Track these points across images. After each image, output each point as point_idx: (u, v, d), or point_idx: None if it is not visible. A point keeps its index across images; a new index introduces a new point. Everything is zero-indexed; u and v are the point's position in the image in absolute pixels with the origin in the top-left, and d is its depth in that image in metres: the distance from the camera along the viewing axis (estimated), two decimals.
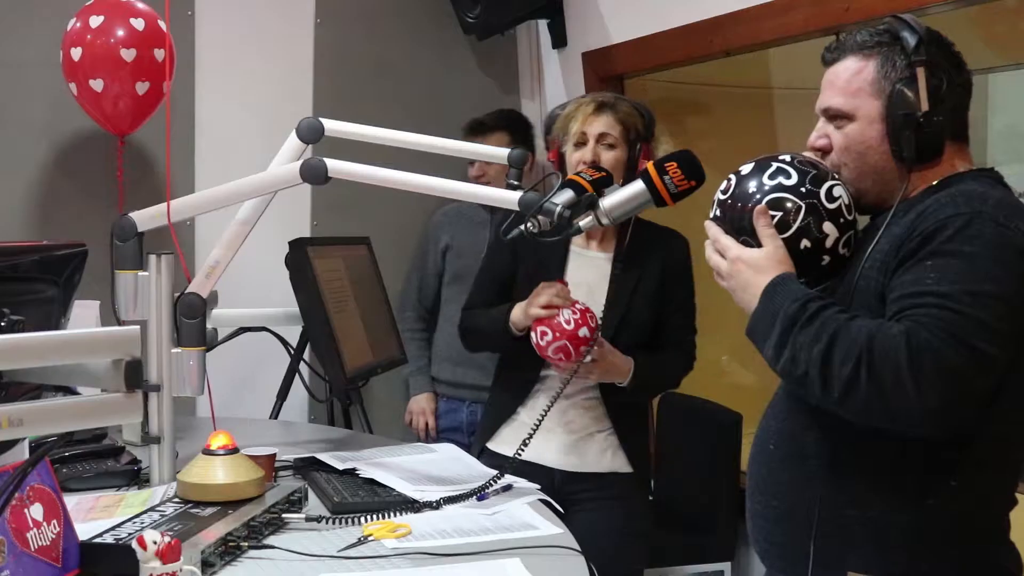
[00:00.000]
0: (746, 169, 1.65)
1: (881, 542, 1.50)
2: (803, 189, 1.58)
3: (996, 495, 1.55)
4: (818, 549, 1.55)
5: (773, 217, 1.57)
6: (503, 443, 2.47)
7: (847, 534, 1.53)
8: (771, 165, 1.62)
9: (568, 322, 2.27)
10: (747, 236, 1.59)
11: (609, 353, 2.33)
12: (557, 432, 2.43)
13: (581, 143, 2.39)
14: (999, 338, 1.38)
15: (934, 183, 1.56)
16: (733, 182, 1.65)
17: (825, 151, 1.63)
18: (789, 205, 1.58)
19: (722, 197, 1.67)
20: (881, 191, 1.59)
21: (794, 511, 1.59)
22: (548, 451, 2.43)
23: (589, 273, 2.45)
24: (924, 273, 1.43)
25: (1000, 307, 1.39)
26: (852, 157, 1.59)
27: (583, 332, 2.25)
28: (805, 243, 1.57)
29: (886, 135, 1.55)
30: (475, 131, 3.34)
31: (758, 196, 1.60)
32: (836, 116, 1.60)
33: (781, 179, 1.59)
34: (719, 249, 1.62)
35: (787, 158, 1.63)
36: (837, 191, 1.59)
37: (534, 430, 2.16)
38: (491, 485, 2.06)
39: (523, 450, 2.14)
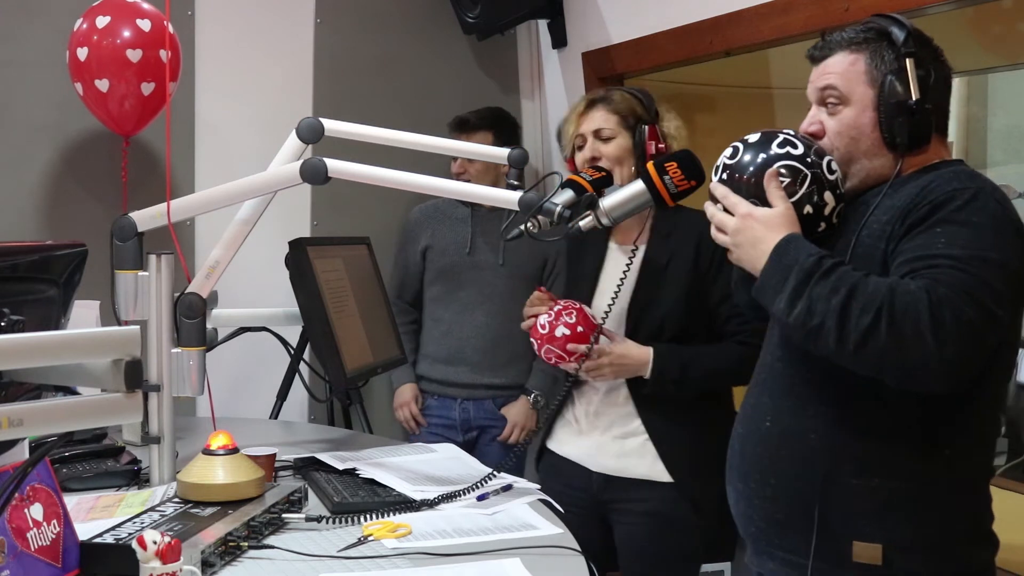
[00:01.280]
0: (753, 138, 1.73)
1: (884, 511, 1.55)
2: (809, 159, 1.66)
3: (985, 464, 1.62)
4: (822, 521, 1.59)
5: (782, 182, 1.64)
6: (559, 442, 2.45)
7: (850, 505, 1.57)
8: (778, 136, 1.70)
9: (543, 326, 2.27)
10: (754, 199, 1.65)
11: (619, 347, 2.26)
12: (591, 431, 2.38)
13: (581, 145, 2.38)
14: (1004, 300, 1.47)
15: (920, 168, 1.64)
16: (741, 148, 1.72)
17: (817, 136, 1.70)
18: (797, 172, 1.65)
19: (729, 162, 1.72)
20: (867, 176, 1.67)
21: (796, 486, 1.62)
22: (586, 451, 2.38)
23: (615, 267, 2.37)
24: (934, 239, 1.50)
25: (1004, 273, 1.47)
26: (845, 142, 1.67)
27: (560, 332, 2.24)
28: (808, 209, 1.65)
29: (878, 123, 1.63)
30: (460, 128, 3.29)
31: (769, 161, 1.67)
32: (831, 99, 1.67)
33: (789, 148, 1.67)
34: (728, 207, 1.66)
35: (791, 132, 1.72)
36: (834, 165, 1.68)
37: (549, 416, 2.15)
38: (486, 483, 2.06)
39: (528, 441, 2.13)
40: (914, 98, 1.58)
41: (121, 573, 1.53)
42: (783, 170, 1.65)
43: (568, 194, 1.98)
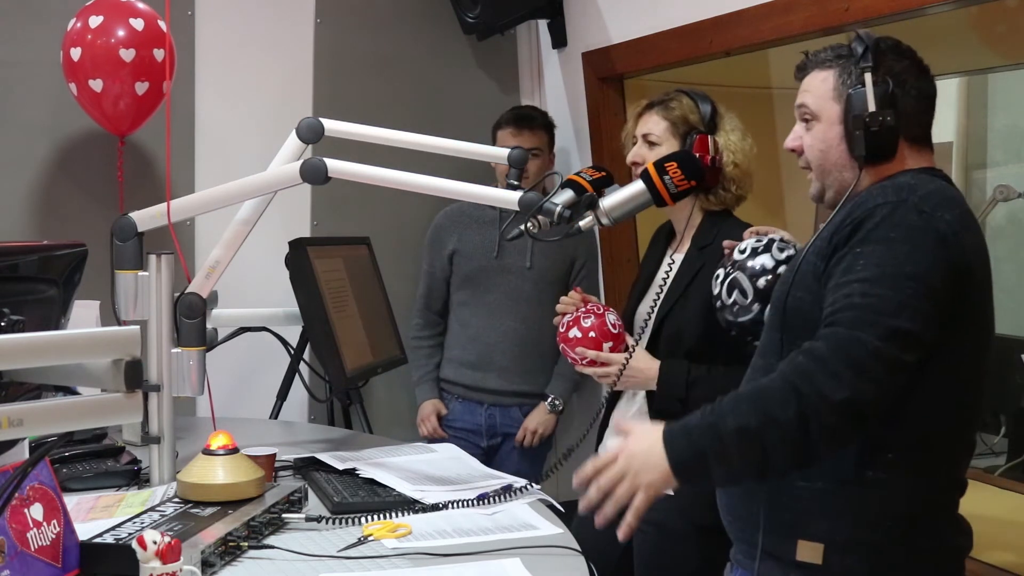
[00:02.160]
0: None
1: (827, 512, 1.59)
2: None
3: (937, 474, 1.61)
4: (771, 519, 1.63)
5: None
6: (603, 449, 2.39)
7: (797, 505, 1.61)
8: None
9: (562, 325, 2.25)
10: None
11: (634, 357, 2.18)
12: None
13: (634, 144, 2.34)
14: (920, 316, 1.49)
15: (879, 180, 1.66)
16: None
17: (798, 152, 1.75)
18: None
19: None
20: (840, 187, 1.70)
21: (748, 487, 1.66)
22: None
23: (660, 275, 2.32)
24: (855, 261, 1.54)
25: (920, 287, 1.50)
26: (816, 155, 1.72)
27: (573, 333, 2.21)
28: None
29: (843, 136, 1.67)
30: (521, 123, 3.18)
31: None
32: (806, 116, 1.73)
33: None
34: (604, 465, 1.58)
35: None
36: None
37: (573, 447, 2.08)
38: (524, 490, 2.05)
39: (559, 466, 2.07)
40: (869, 111, 1.62)
41: (121, 573, 1.53)
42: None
43: (568, 194, 1.98)
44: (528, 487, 2.08)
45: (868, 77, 1.63)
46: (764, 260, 1.94)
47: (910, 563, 1.58)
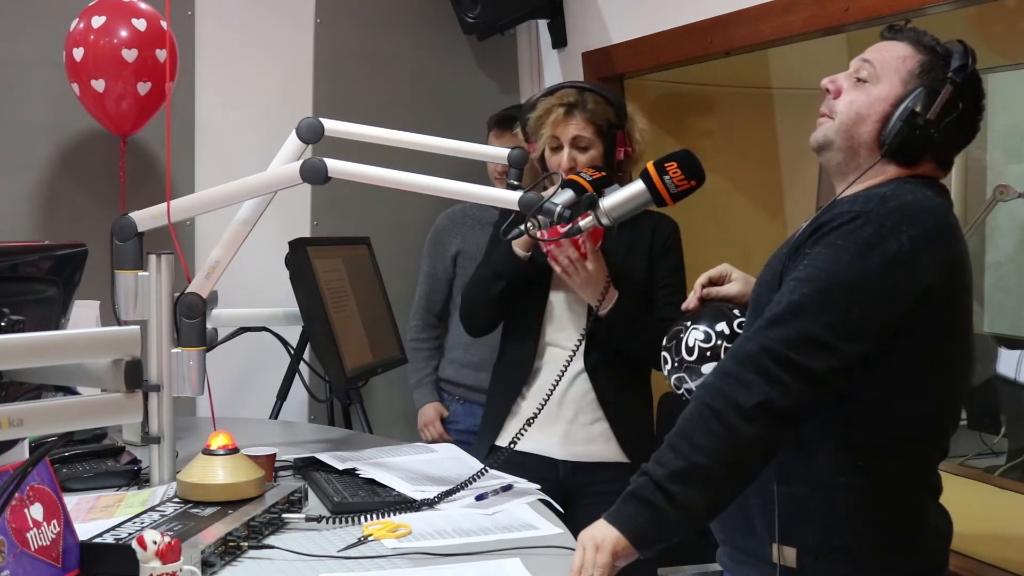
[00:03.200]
0: None
1: (802, 516, 1.60)
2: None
3: (910, 478, 1.61)
4: (751, 523, 1.65)
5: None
6: (509, 437, 2.45)
7: (771, 508, 1.62)
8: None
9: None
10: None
11: (598, 261, 2.33)
12: (555, 421, 2.44)
13: (556, 147, 2.43)
14: (839, 327, 1.50)
15: (881, 182, 1.64)
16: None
17: (833, 94, 1.68)
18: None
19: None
20: (846, 158, 1.66)
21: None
22: (549, 441, 2.45)
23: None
24: (800, 262, 1.55)
25: (848, 299, 1.50)
26: (850, 115, 1.65)
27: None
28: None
29: (885, 117, 1.62)
30: (504, 124, 3.18)
31: None
32: (863, 74, 1.65)
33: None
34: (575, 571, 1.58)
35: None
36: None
37: (535, 414, 2.17)
38: (479, 478, 2.06)
39: (520, 436, 2.17)
40: (927, 116, 1.58)
41: (121, 573, 1.53)
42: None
43: (568, 194, 1.98)
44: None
45: (948, 89, 1.59)
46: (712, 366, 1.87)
47: (883, 566, 1.59)
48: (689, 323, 1.83)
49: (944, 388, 1.62)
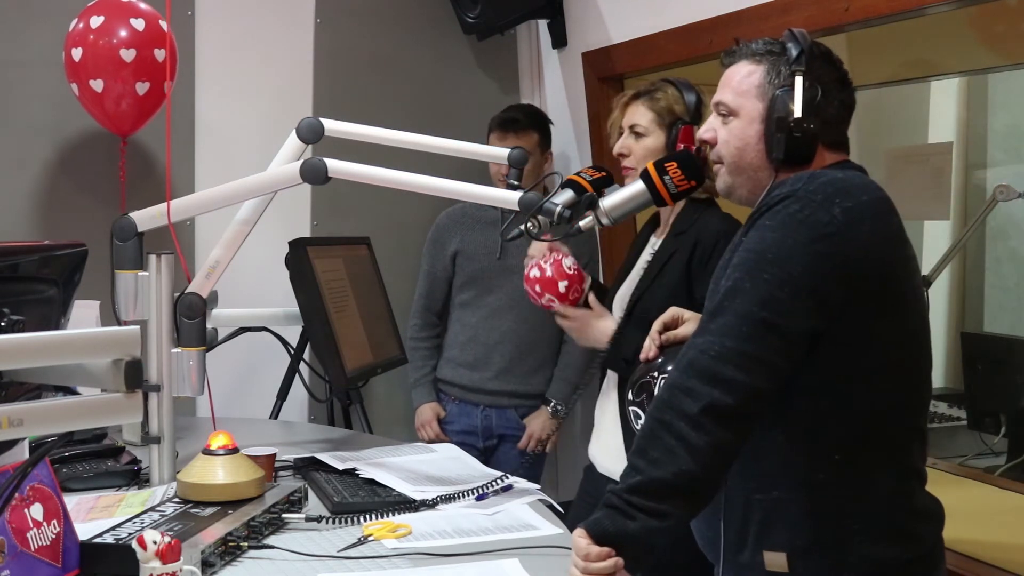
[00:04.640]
0: None
1: (786, 520, 1.59)
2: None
3: (890, 467, 1.59)
4: (738, 535, 1.63)
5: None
6: (595, 452, 2.41)
7: (756, 517, 1.61)
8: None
9: (527, 269, 2.29)
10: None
11: (591, 313, 2.26)
12: (605, 435, 2.35)
13: (621, 134, 2.37)
14: (776, 305, 1.48)
15: None
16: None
17: (711, 143, 1.72)
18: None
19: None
20: (752, 187, 1.68)
21: (712, 507, 1.64)
22: (602, 456, 2.35)
23: (643, 260, 2.37)
24: (738, 251, 1.56)
25: (779, 274, 1.49)
26: (731, 151, 1.68)
27: (533, 273, 2.26)
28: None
29: (761, 136, 1.64)
30: (508, 127, 3.16)
31: None
32: (725, 112, 1.69)
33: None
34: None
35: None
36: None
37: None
38: (492, 487, 2.06)
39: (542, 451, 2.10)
40: (793, 115, 1.59)
41: (121, 573, 1.53)
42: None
43: (568, 194, 1.98)
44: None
45: (799, 81, 1.60)
46: None
47: (874, 558, 1.57)
48: (656, 373, 1.76)
49: (904, 364, 1.59)
